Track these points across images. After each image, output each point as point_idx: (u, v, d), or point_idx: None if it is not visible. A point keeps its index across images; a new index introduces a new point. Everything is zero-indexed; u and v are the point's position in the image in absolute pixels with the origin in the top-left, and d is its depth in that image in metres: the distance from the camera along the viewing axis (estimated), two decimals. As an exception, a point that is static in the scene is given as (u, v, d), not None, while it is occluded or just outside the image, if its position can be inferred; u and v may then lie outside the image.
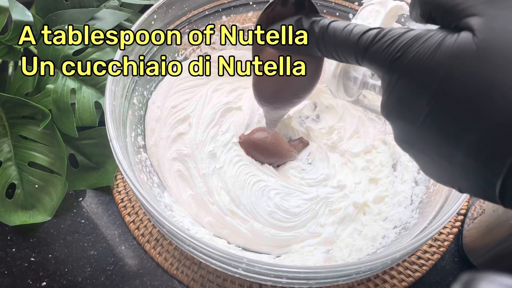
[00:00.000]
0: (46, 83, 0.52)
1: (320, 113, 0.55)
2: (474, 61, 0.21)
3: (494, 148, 0.21)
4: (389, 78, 0.25)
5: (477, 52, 0.21)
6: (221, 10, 0.55)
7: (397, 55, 0.24)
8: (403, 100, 0.24)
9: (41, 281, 0.44)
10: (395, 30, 0.25)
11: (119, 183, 0.51)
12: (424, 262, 0.46)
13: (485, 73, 0.21)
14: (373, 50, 0.25)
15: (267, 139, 0.49)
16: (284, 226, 0.46)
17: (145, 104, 0.51)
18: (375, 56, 0.25)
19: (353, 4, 0.53)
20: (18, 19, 0.50)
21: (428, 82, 0.23)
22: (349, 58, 0.27)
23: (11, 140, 0.51)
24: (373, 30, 0.25)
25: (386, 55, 0.24)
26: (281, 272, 0.34)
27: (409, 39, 0.24)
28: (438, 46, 0.22)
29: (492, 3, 0.22)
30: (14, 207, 0.49)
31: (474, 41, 0.21)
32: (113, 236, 0.48)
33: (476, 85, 0.21)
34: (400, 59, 0.24)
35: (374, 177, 0.50)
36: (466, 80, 0.21)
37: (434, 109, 0.23)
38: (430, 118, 0.23)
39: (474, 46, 0.21)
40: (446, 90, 0.22)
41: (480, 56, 0.21)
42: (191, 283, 0.45)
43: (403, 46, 0.24)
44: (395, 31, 0.25)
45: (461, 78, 0.21)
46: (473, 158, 0.22)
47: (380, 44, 0.25)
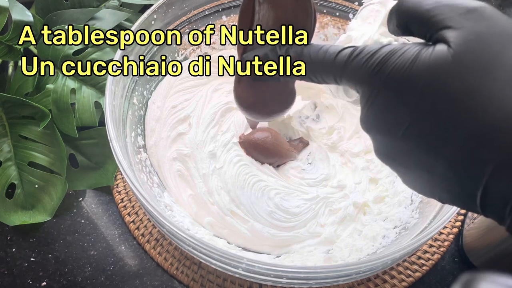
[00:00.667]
0: (46, 83, 0.52)
1: (320, 113, 0.55)
2: (450, 73, 0.21)
3: (473, 159, 0.21)
4: (368, 93, 0.25)
5: (453, 64, 0.21)
6: (221, 10, 0.55)
7: (375, 70, 0.24)
8: (383, 113, 0.24)
9: (41, 281, 0.44)
10: (370, 46, 0.25)
11: (119, 183, 0.51)
12: (424, 262, 0.46)
13: (461, 85, 0.21)
14: (350, 67, 0.25)
15: (267, 139, 0.49)
16: (284, 226, 0.46)
17: (145, 104, 0.51)
18: (353, 73, 0.25)
19: (353, 4, 0.53)
20: (18, 19, 0.50)
21: (407, 95, 0.23)
22: (327, 79, 0.27)
23: (11, 140, 0.51)
24: (348, 49, 0.26)
25: (364, 70, 0.25)
26: (281, 272, 0.34)
27: (385, 54, 0.24)
28: (415, 59, 0.23)
29: (466, 15, 0.22)
30: (14, 207, 0.49)
31: (449, 53, 0.22)
32: (113, 236, 0.48)
33: (453, 97, 0.21)
34: (378, 74, 0.24)
35: (374, 177, 0.50)
36: (444, 93, 0.21)
37: (414, 122, 0.23)
38: (410, 131, 0.23)
39: (450, 58, 0.21)
40: (425, 103, 0.22)
41: (455, 68, 0.21)
42: (191, 283, 0.45)
43: (381, 61, 0.24)
44: (371, 47, 0.25)
45: (439, 90, 0.22)
46: (453, 170, 0.22)
47: (357, 60, 0.25)
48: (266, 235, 0.45)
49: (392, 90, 0.23)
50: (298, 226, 0.46)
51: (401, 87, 0.23)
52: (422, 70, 0.22)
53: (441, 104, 0.21)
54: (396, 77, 0.23)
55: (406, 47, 0.23)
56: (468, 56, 0.21)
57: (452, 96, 0.21)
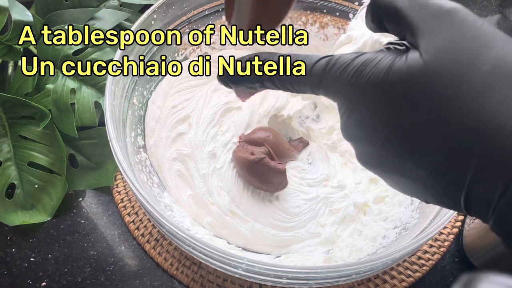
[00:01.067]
0: (46, 83, 0.52)
1: (320, 113, 0.55)
2: (424, 81, 0.21)
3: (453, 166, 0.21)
4: (345, 105, 0.25)
5: (425, 72, 0.21)
6: (221, 10, 0.55)
7: (350, 82, 0.24)
8: (360, 126, 0.24)
9: (41, 281, 0.44)
10: (344, 56, 0.25)
11: (119, 183, 0.51)
12: (425, 262, 0.46)
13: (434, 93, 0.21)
14: (326, 79, 0.25)
15: (268, 139, 0.49)
16: (284, 226, 0.46)
17: (145, 104, 0.51)
18: (329, 84, 0.25)
19: (353, 4, 0.53)
20: (18, 19, 0.50)
21: (382, 108, 0.23)
22: (305, 90, 0.27)
23: (11, 140, 0.51)
24: (323, 60, 0.25)
25: (339, 82, 0.24)
26: (281, 273, 0.34)
27: (360, 65, 0.24)
28: (388, 69, 0.22)
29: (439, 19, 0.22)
30: (13, 207, 0.49)
31: (422, 60, 0.21)
32: (113, 236, 0.48)
33: (428, 105, 0.21)
34: (353, 86, 0.24)
35: (374, 177, 0.50)
36: (418, 101, 0.21)
37: (392, 132, 0.23)
38: (389, 141, 0.23)
39: (421, 67, 0.21)
40: (401, 113, 0.22)
41: (428, 76, 0.21)
42: (191, 283, 0.44)
43: (355, 73, 0.24)
44: (345, 57, 0.24)
45: (413, 99, 0.22)
46: (434, 177, 0.22)
47: (332, 72, 0.25)
48: (266, 235, 0.45)
49: (367, 102, 0.23)
50: (298, 226, 0.46)
51: (376, 99, 0.23)
52: (396, 81, 0.22)
53: (416, 114, 0.22)
54: (371, 90, 0.23)
55: (380, 57, 0.23)
56: (440, 65, 0.21)
57: (427, 105, 0.21)
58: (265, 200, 0.47)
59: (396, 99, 0.22)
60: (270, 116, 0.53)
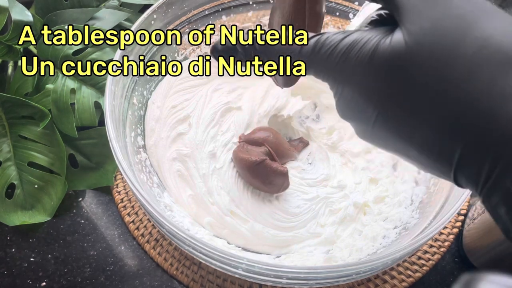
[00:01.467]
0: (46, 83, 0.52)
1: (320, 113, 0.55)
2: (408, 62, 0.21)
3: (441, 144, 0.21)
4: (335, 87, 0.25)
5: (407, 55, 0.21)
6: (221, 10, 0.55)
7: (338, 65, 0.24)
8: (351, 107, 0.25)
9: (41, 281, 0.44)
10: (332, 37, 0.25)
11: (119, 183, 0.51)
12: (425, 262, 0.46)
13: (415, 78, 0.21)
14: (315, 61, 0.25)
15: (268, 139, 0.49)
16: (284, 226, 0.46)
17: (145, 104, 0.51)
18: (318, 67, 0.25)
19: (353, 4, 0.53)
20: (18, 19, 0.49)
21: (371, 88, 0.23)
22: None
23: (10, 140, 0.51)
24: (310, 41, 0.25)
25: (327, 65, 0.25)
26: (281, 273, 0.34)
27: (347, 47, 0.24)
28: (374, 50, 0.23)
29: None
30: (13, 207, 0.49)
31: (405, 41, 0.21)
32: (112, 236, 0.48)
33: (413, 86, 0.21)
34: (341, 69, 0.24)
35: (374, 177, 0.50)
36: (404, 82, 0.22)
37: (381, 113, 0.23)
38: (379, 121, 0.23)
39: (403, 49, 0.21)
40: (388, 94, 0.22)
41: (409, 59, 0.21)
42: (191, 284, 0.44)
43: (342, 56, 0.24)
44: (332, 38, 0.24)
45: (399, 80, 0.22)
46: (425, 155, 0.23)
47: (320, 55, 0.25)
48: (266, 235, 0.45)
49: (355, 85, 0.24)
50: (298, 226, 0.46)
51: (363, 82, 0.23)
52: (383, 62, 0.22)
53: (403, 94, 0.22)
54: (357, 72, 0.23)
55: (367, 37, 0.23)
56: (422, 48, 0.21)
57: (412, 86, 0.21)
58: (265, 200, 0.47)
59: (383, 80, 0.22)
60: (270, 116, 0.53)
